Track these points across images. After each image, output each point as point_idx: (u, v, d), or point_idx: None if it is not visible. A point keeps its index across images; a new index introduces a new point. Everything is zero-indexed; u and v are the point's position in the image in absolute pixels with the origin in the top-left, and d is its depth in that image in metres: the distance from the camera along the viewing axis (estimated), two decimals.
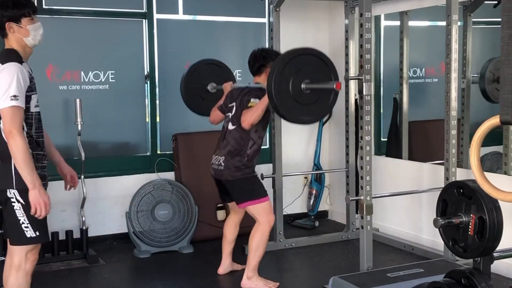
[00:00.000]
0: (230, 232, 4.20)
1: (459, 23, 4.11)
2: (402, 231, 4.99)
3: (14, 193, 2.82)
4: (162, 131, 5.25)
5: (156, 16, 5.13)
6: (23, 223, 2.83)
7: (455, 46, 4.08)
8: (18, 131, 2.74)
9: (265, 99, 3.67)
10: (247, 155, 3.87)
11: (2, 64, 2.80)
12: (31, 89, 2.89)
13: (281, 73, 3.33)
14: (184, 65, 5.30)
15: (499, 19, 1.72)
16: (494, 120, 1.76)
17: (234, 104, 3.96)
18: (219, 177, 3.94)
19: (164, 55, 5.20)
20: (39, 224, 2.86)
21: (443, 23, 4.15)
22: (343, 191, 5.26)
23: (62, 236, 4.66)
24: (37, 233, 2.86)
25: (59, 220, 4.80)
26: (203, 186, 4.72)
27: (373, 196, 3.82)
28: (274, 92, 3.35)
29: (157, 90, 5.18)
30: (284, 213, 5.04)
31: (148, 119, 5.19)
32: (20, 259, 2.88)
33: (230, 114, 3.97)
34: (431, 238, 4.62)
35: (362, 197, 3.80)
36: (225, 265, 4.25)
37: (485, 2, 4.82)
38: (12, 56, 2.85)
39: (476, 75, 4.99)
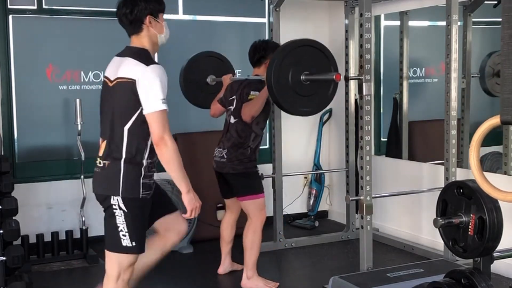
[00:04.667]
0: (227, 233, 4.21)
1: (459, 23, 4.11)
2: (402, 231, 4.99)
3: (117, 199, 2.70)
4: None
5: None
6: (121, 230, 2.71)
7: (455, 46, 4.08)
8: (169, 136, 2.67)
9: (265, 91, 3.67)
10: (250, 148, 3.88)
11: (147, 65, 2.70)
12: None
13: (280, 65, 3.33)
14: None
15: (499, 19, 1.72)
16: (494, 120, 1.75)
17: (234, 97, 3.95)
18: (221, 169, 3.94)
19: (164, 55, 5.19)
20: (138, 235, 2.75)
21: (443, 23, 4.15)
22: (343, 191, 5.26)
23: (62, 236, 4.66)
24: (133, 243, 2.73)
25: (59, 220, 4.81)
26: (203, 186, 4.71)
27: (373, 196, 3.82)
28: (274, 84, 3.34)
29: None
30: (284, 213, 5.04)
31: None
32: (120, 269, 2.76)
33: (231, 108, 3.96)
34: (431, 238, 4.62)
35: (362, 197, 3.80)
36: (225, 265, 4.25)
37: (485, 2, 4.82)
38: (151, 58, 2.79)
39: (476, 74, 4.99)
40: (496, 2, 4.75)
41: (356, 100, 4.97)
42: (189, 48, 5.35)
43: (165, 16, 5.11)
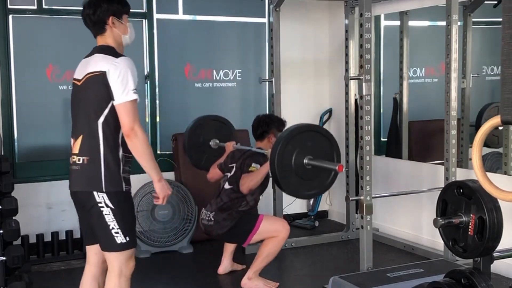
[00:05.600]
0: None
1: (459, 23, 4.11)
2: (402, 231, 5.00)
3: (102, 197, 2.69)
4: (162, 131, 5.25)
5: (156, 16, 5.12)
6: (112, 228, 2.70)
7: (455, 46, 4.08)
8: (140, 126, 2.69)
9: (266, 167, 3.70)
10: (237, 211, 3.90)
11: (116, 58, 2.72)
12: None
13: (285, 147, 3.35)
14: (184, 66, 5.33)
15: (499, 19, 1.72)
16: (496, 120, 1.76)
17: (234, 165, 3.99)
18: (209, 233, 3.98)
19: (164, 55, 5.20)
20: (129, 229, 2.76)
21: (443, 23, 4.15)
22: (343, 191, 5.26)
23: (62, 236, 4.66)
24: (127, 239, 2.74)
25: (59, 220, 4.80)
26: (203, 186, 4.72)
27: (373, 196, 3.82)
28: (277, 165, 3.35)
29: (157, 90, 5.18)
30: (284, 213, 5.04)
31: (148, 119, 5.18)
32: (120, 265, 2.77)
33: (228, 174, 4.00)
34: (431, 238, 4.62)
35: (362, 197, 3.80)
36: (225, 265, 4.25)
37: (485, 2, 4.82)
38: (118, 52, 2.80)
39: (476, 75, 5.00)
40: (496, 2, 4.75)
41: (356, 100, 4.97)
42: (189, 48, 5.36)
43: (165, 16, 5.22)
